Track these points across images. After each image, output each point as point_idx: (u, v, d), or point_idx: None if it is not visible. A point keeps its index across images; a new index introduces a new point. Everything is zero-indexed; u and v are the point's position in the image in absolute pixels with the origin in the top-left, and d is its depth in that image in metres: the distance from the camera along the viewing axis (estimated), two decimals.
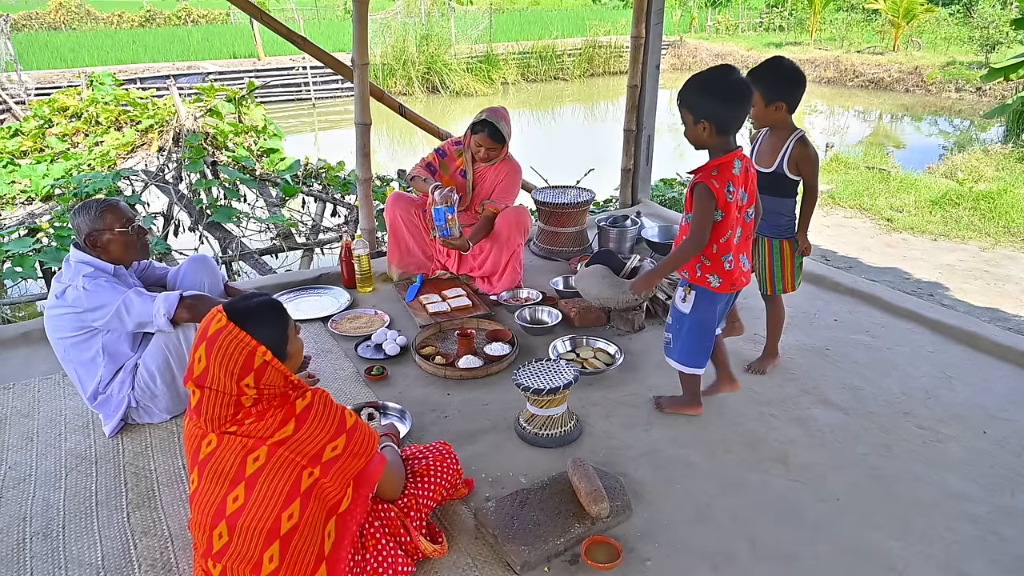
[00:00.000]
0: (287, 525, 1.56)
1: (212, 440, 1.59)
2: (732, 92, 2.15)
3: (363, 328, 3.27)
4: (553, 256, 4.14)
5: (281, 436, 1.56)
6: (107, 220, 2.38)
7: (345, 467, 1.63)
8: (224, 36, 21.40)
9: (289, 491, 1.56)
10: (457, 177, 3.65)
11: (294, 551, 1.58)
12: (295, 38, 4.14)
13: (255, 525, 1.55)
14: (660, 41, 4.74)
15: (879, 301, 3.53)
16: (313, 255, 5.84)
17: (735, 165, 2.21)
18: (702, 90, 2.17)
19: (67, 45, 19.23)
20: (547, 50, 19.41)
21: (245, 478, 1.56)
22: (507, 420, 2.56)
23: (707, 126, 2.17)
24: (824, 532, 2.04)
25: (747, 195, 2.29)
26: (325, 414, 1.62)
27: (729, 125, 2.19)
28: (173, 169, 6.43)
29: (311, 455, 1.58)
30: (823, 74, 17.87)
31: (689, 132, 2.22)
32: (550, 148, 10.55)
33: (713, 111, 2.15)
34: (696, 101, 2.17)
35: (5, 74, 14.21)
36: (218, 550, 1.58)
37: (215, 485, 1.59)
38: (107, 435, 2.48)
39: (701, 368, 2.50)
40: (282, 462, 1.56)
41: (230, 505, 1.56)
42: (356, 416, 1.70)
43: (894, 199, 6.60)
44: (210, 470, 1.59)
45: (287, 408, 1.59)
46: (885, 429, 2.53)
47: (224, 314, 1.58)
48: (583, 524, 1.99)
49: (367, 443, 1.68)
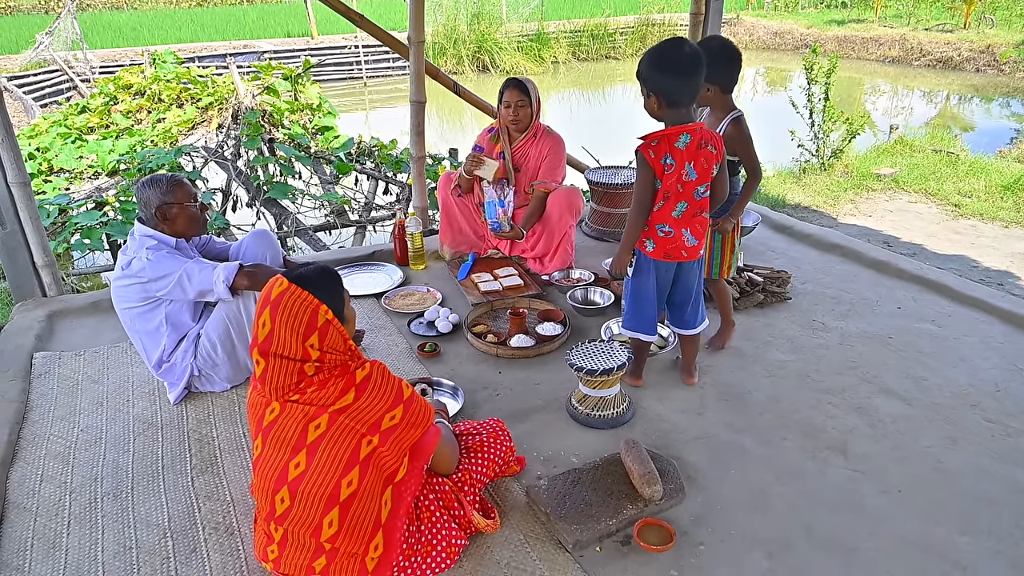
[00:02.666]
0: (346, 491, 1.60)
1: (275, 408, 1.64)
2: (680, 65, 2.17)
3: (416, 305, 3.30)
4: (606, 237, 4.10)
5: (342, 404, 1.60)
6: (177, 194, 2.46)
7: (402, 437, 1.66)
8: (278, 15, 21.71)
9: (349, 458, 1.60)
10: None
11: (353, 517, 1.62)
12: (353, 16, 4.16)
13: (316, 491, 1.60)
14: (720, 18, 4.60)
15: (946, 289, 3.39)
16: (366, 232, 5.92)
17: (680, 138, 2.21)
18: (651, 64, 2.20)
19: (129, 24, 19.79)
20: (599, 28, 19.06)
21: (307, 445, 1.60)
22: (559, 400, 2.56)
23: (656, 98, 2.22)
24: (885, 524, 1.98)
25: (696, 172, 2.26)
26: (384, 384, 1.65)
27: (678, 98, 2.20)
28: (232, 146, 6.58)
29: (370, 423, 1.61)
30: (887, 53, 17.12)
31: (645, 104, 2.27)
32: (601, 128, 10.41)
33: (660, 84, 2.20)
34: (647, 74, 2.22)
35: (71, 53, 14.71)
36: (280, 514, 1.64)
37: (278, 451, 1.63)
38: (172, 402, 2.58)
39: (644, 335, 2.55)
40: (342, 430, 1.60)
41: (292, 471, 1.61)
42: (412, 388, 1.73)
43: (962, 184, 6.32)
44: (273, 437, 1.64)
45: (347, 378, 1.62)
46: (951, 421, 2.44)
47: (285, 279, 1.63)
48: (635, 506, 1.98)
49: (423, 414, 1.71)
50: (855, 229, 5.12)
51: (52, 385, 2.72)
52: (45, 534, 1.99)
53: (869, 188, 6.16)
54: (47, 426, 2.48)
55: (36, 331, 3.08)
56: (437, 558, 1.76)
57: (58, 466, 2.27)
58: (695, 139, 2.23)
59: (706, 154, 2.26)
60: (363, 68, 16.64)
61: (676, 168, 2.23)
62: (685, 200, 2.30)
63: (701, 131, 2.24)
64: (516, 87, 3.44)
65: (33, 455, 2.32)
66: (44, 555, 1.91)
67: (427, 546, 1.77)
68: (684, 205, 2.30)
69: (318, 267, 1.71)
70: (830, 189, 6.11)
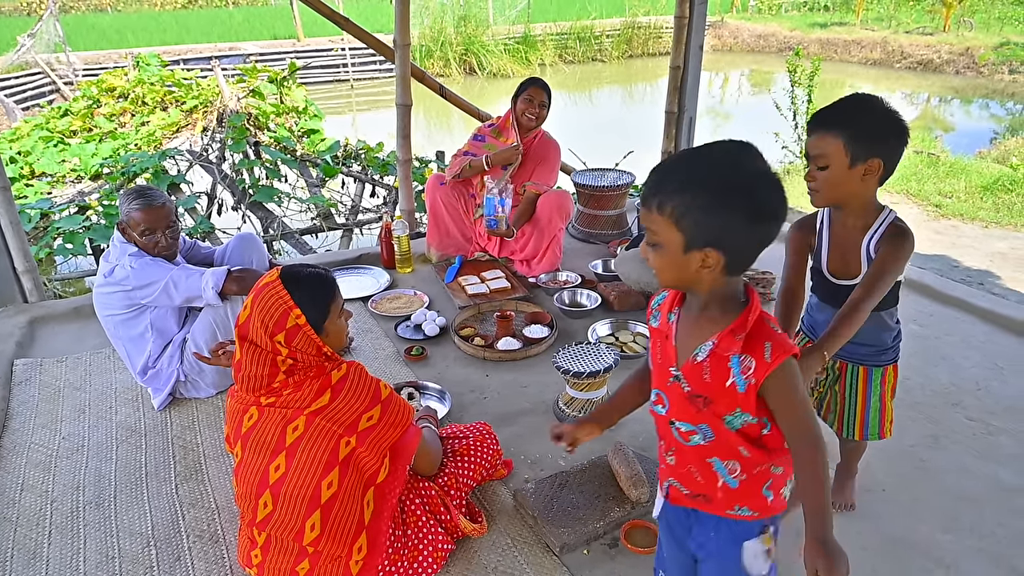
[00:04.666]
0: (327, 493, 1.60)
1: (253, 414, 1.64)
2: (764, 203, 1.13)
3: (403, 308, 3.29)
4: (592, 239, 4.11)
5: (318, 406, 1.60)
6: (134, 219, 2.41)
7: (380, 437, 1.66)
8: (264, 17, 21.60)
9: (328, 459, 1.60)
10: (498, 170, 3.62)
11: (335, 520, 1.62)
12: (338, 19, 4.16)
13: (297, 492, 1.60)
14: (704, 21, 4.63)
15: (927, 289, 3.43)
16: (352, 235, 5.90)
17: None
18: (720, 194, 1.11)
19: (113, 26, 19.61)
20: (585, 31, 19.13)
21: (286, 447, 1.60)
22: (546, 402, 2.57)
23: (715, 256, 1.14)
24: (870, 522, 2.00)
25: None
26: (360, 385, 1.65)
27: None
28: (217, 149, 6.54)
29: (347, 424, 1.61)
30: (869, 55, 17.31)
31: (675, 259, 1.18)
32: (588, 130, 10.45)
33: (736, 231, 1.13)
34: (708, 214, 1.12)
35: (54, 55, 14.55)
36: (263, 518, 1.63)
37: (258, 456, 1.63)
38: (156, 409, 2.55)
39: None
40: (320, 431, 1.59)
41: (272, 474, 1.61)
42: (391, 388, 1.72)
43: (943, 184, 6.40)
44: (253, 442, 1.64)
45: (323, 379, 1.62)
46: (933, 420, 2.46)
47: (279, 271, 1.64)
48: (623, 508, 1.99)
49: (402, 414, 1.71)
50: None
51: (33, 392, 2.68)
52: (25, 544, 1.96)
53: None
54: (28, 434, 2.44)
55: (17, 337, 3.04)
56: (424, 563, 1.76)
57: (39, 475, 2.24)
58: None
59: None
60: (349, 70, 16.59)
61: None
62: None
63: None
64: (542, 87, 3.50)
65: (13, 464, 2.29)
66: (24, 566, 1.89)
67: (413, 550, 1.76)
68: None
69: (315, 272, 1.70)
70: None
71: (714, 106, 13.59)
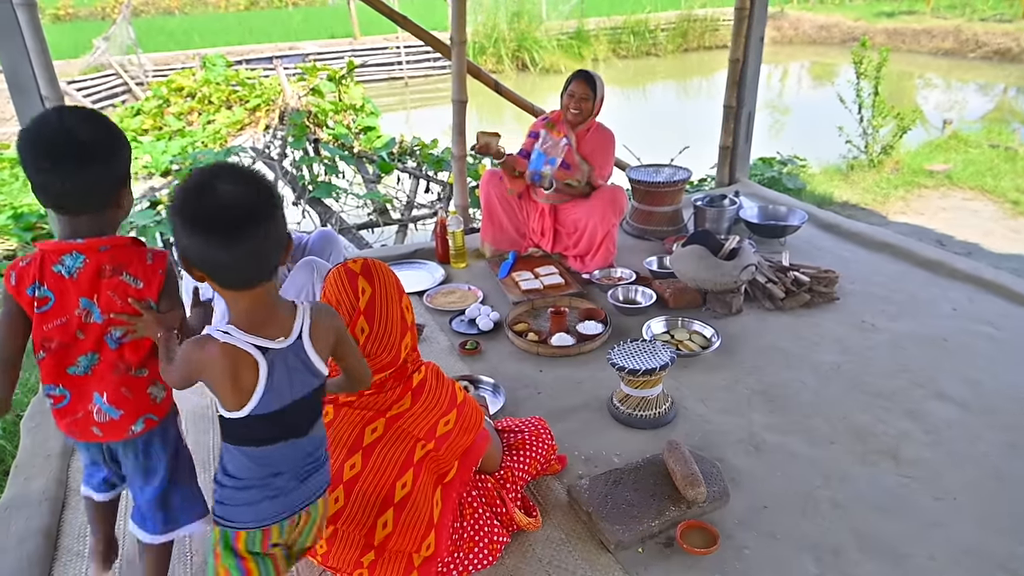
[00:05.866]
0: (400, 493, 1.63)
1: (329, 412, 1.67)
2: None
3: (457, 303, 3.32)
4: (647, 236, 4.07)
5: (398, 410, 1.63)
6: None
7: (456, 441, 1.68)
8: (322, 17, 22.06)
9: (404, 461, 1.62)
10: (559, 135, 3.61)
11: (407, 518, 1.64)
12: (397, 17, 4.21)
13: (371, 491, 1.62)
14: (766, 12, 4.52)
15: (1003, 290, 3.27)
16: (407, 231, 5.98)
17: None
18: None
19: (180, 28, 20.34)
20: (639, 25, 18.86)
21: (363, 447, 1.63)
22: (600, 399, 2.55)
23: None
24: (939, 531, 1.92)
25: None
26: (438, 388, 1.67)
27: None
28: (278, 146, 6.72)
29: (426, 428, 1.63)
30: (940, 45, 16.55)
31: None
32: (642, 126, 10.32)
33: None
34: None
35: (127, 57, 15.18)
36: (333, 513, 1.66)
37: (332, 452, 1.65)
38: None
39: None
40: (399, 434, 1.62)
41: (347, 472, 1.63)
42: (464, 391, 1.74)
43: (1021, 180, 6.09)
44: (328, 439, 1.65)
45: (404, 382, 1.64)
46: (1009, 427, 2.35)
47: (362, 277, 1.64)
48: (678, 507, 1.96)
49: (475, 418, 1.73)
50: (906, 227, 4.97)
51: None
52: None
53: (921, 185, 5.97)
54: None
55: None
56: (480, 554, 1.78)
57: None
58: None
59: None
60: (404, 68, 16.80)
61: None
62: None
63: None
64: (584, 80, 3.45)
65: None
66: None
67: (470, 542, 1.78)
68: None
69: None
70: (879, 186, 5.94)
71: (772, 100, 13.23)
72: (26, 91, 3.05)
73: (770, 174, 5.86)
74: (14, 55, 2.99)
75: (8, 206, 5.65)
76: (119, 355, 1.49)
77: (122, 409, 1.50)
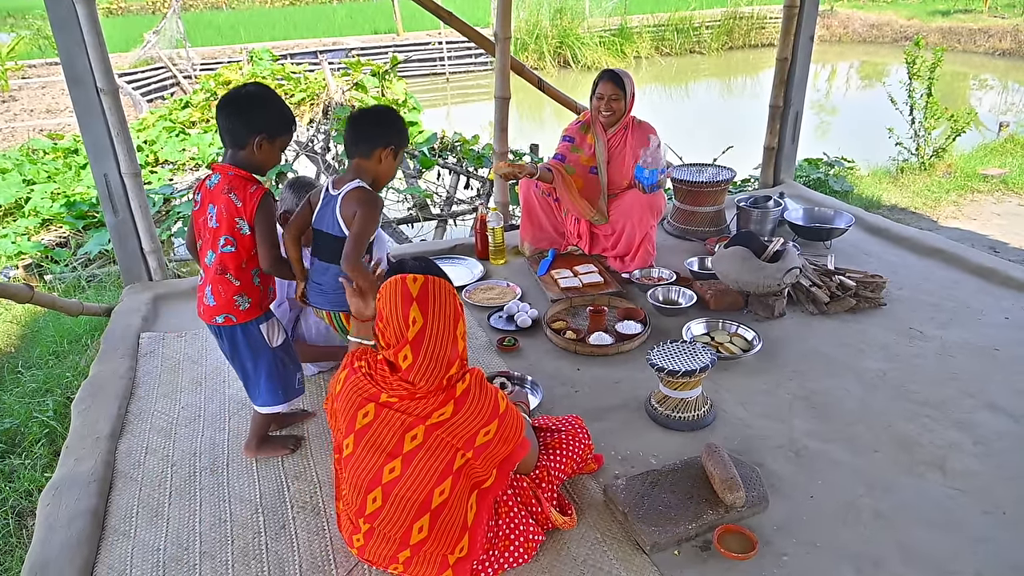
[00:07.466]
0: (438, 500, 1.64)
1: (369, 411, 1.67)
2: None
3: (496, 299, 3.33)
4: (688, 236, 4.02)
5: (439, 418, 1.63)
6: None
7: (495, 452, 1.68)
8: (366, 12, 22.30)
9: (443, 470, 1.64)
10: (587, 173, 3.57)
11: (442, 524, 1.66)
12: (442, 13, 4.23)
13: (409, 496, 1.64)
14: (816, 10, 4.43)
15: None
16: (446, 226, 6.02)
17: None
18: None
19: (227, 23, 20.79)
20: (684, 22, 18.63)
21: (403, 454, 1.64)
22: (638, 399, 2.54)
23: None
24: (987, 546, 1.87)
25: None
26: (481, 397, 1.67)
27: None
28: (322, 140, 6.82)
29: (466, 438, 1.64)
30: (997, 45, 15.99)
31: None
32: (685, 125, 10.20)
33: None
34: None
35: (176, 51, 15.57)
36: (371, 512, 1.68)
37: (372, 454, 1.66)
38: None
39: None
40: (439, 443, 1.63)
41: (386, 475, 1.65)
42: (507, 400, 1.74)
43: None
44: (367, 440, 1.67)
45: (447, 390, 1.65)
46: None
47: (413, 275, 1.65)
48: (716, 511, 1.94)
49: (516, 429, 1.72)
50: (958, 233, 4.82)
51: (156, 364, 2.90)
52: (149, 503, 2.13)
53: (974, 189, 5.78)
54: (152, 402, 2.64)
55: (143, 312, 3.28)
56: (515, 552, 1.78)
57: (161, 440, 2.42)
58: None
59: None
60: (446, 64, 16.88)
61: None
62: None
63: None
64: (611, 80, 3.42)
65: (139, 429, 2.48)
66: (148, 522, 2.05)
67: (505, 540, 1.79)
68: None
69: (426, 259, 1.73)
70: (930, 190, 5.77)
71: (819, 99, 12.95)
72: (82, 82, 3.15)
73: (816, 176, 5.74)
74: (71, 47, 3.09)
75: (62, 195, 5.85)
76: (221, 259, 2.05)
77: (215, 301, 2.08)
